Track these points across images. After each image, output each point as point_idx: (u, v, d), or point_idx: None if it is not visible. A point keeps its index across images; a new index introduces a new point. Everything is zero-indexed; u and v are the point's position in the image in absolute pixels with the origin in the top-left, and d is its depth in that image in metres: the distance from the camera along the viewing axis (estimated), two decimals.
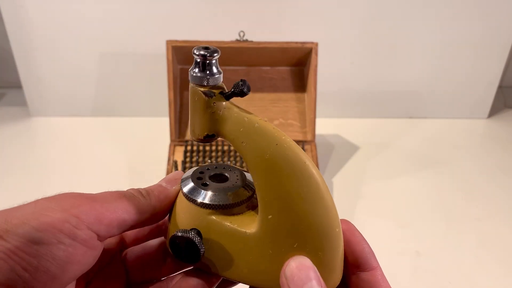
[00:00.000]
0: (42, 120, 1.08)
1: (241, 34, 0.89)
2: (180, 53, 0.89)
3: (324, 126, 1.02)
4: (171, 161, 0.86)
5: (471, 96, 1.10)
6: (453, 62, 1.05)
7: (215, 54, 0.25)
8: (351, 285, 0.27)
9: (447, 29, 1.01)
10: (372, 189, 0.86)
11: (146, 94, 1.07)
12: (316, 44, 0.88)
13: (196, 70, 0.25)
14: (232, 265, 0.26)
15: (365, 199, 0.84)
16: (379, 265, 0.27)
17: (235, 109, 0.26)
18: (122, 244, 0.31)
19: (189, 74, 0.25)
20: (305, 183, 0.24)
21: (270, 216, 0.25)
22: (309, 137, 0.91)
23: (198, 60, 0.25)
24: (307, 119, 0.92)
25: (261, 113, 0.92)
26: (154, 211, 0.27)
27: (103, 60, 1.03)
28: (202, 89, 0.25)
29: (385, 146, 1.00)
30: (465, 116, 1.12)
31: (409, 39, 1.02)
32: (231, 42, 0.88)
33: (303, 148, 0.89)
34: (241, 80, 0.25)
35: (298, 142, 0.90)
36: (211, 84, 0.25)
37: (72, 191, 0.24)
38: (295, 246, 0.24)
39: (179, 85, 0.92)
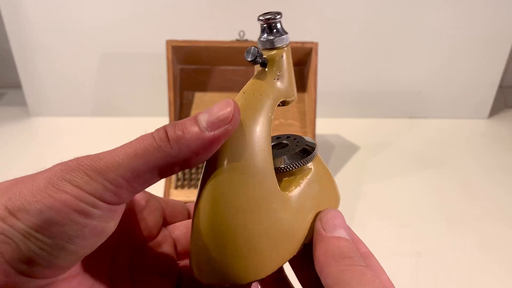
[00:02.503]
0: (42, 120, 1.08)
1: (241, 34, 0.89)
2: (180, 53, 0.89)
3: (324, 126, 1.02)
4: None
5: (472, 96, 1.09)
6: (454, 62, 1.05)
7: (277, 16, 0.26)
8: None
9: (448, 29, 1.01)
10: (372, 189, 0.86)
11: (146, 94, 1.07)
12: (316, 44, 0.87)
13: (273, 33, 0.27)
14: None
15: (365, 199, 0.83)
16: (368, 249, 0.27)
17: None
18: (166, 223, 0.31)
19: (268, 42, 0.27)
20: None
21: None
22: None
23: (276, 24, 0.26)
24: (307, 119, 0.91)
25: None
26: (183, 163, 0.22)
27: (103, 60, 1.03)
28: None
29: (385, 146, 1.00)
30: (465, 116, 1.11)
31: (409, 39, 1.02)
32: (231, 42, 0.88)
33: None
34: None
35: None
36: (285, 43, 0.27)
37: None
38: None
39: (179, 85, 0.92)
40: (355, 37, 1.01)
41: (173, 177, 0.83)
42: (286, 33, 0.27)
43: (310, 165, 0.27)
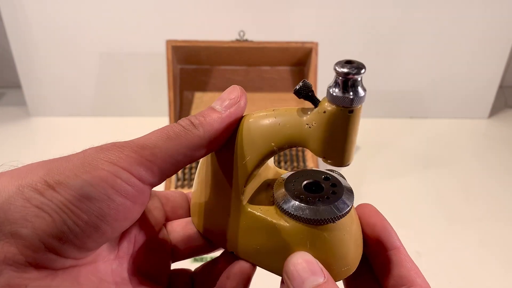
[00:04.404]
0: (41, 120, 1.08)
1: (241, 34, 0.89)
2: (180, 53, 0.89)
3: None
4: None
5: (472, 96, 1.09)
6: (454, 61, 1.05)
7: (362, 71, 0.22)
8: (375, 267, 0.27)
9: (448, 29, 1.01)
10: (372, 189, 0.86)
11: (146, 94, 1.06)
12: (316, 44, 0.87)
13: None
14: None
15: (365, 199, 0.83)
16: (402, 244, 0.27)
17: None
18: (167, 219, 0.30)
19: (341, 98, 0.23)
20: None
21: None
22: None
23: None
24: None
25: None
26: (209, 143, 0.25)
27: (103, 60, 1.03)
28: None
29: (385, 146, 1.00)
30: (466, 116, 1.11)
31: (409, 39, 1.02)
32: (231, 42, 0.88)
33: (303, 149, 0.89)
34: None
35: None
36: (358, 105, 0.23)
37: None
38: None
39: (179, 85, 0.92)
40: (355, 37, 1.01)
41: (173, 177, 0.83)
42: (349, 95, 0.22)
43: (285, 221, 0.25)
